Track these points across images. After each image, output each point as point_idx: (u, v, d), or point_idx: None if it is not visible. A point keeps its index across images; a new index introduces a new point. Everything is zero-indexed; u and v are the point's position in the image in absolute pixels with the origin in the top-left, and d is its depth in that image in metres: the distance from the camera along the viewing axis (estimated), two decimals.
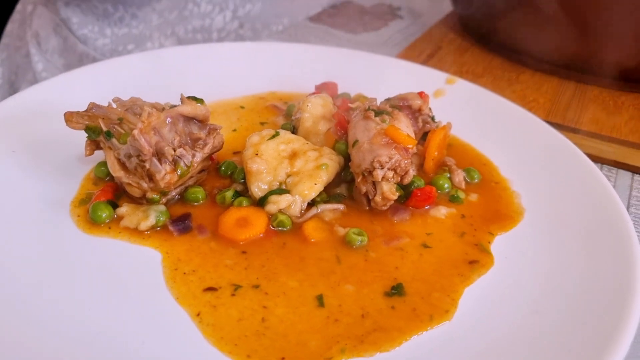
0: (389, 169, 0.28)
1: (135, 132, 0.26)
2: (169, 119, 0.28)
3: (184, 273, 0.26)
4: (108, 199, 0.29)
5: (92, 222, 0.28)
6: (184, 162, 0.28)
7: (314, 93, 0.37)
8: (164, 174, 0.27)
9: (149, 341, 0.23)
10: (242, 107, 0.38)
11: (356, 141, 0.29)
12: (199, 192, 0.30)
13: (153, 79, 0.38)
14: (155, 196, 0.28)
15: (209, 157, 0.31)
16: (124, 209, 0.28)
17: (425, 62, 0.45)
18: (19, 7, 0.84)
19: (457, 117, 0.37)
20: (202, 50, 0.42)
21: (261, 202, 0.29)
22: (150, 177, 0.27)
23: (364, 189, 0.28)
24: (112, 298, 0.25)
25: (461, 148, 0.35)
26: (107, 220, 0.28)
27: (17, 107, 0.33)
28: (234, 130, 0.36)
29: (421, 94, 0.33)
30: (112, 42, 0.68)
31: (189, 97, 0.31)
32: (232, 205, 0.29)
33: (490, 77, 0.43)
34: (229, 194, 0.29)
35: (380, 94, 0.38)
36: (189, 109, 0.29)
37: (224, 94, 0.39)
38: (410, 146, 0.28)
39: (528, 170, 0.33)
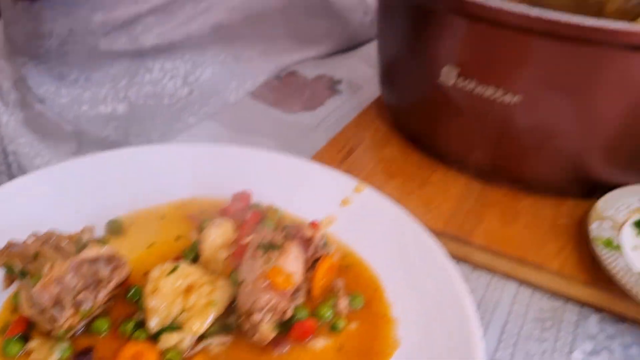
0: (268, 311, 0.31)
1: (35, 289, 0.29)
2: (72, 267, 0.31)
3: None
4: (21, 331, 0.32)
5: (3, 355, 0.31)
6: (85, 307, 0.31)
7: (227, 207, 0.40)
8: (63, 321, 0.30)
9: None
10: (162, 217, 0.41)
11: (242, 281, 0.32)
12: (104, 324, 0.33)
13: (74, 191, 0.41)
14: (61, 331, 0.31)
15: (117, 287, 0.34)
16: (33, 343, 0.32)
17: (344, 158, 0.48)
18: None
19: (358, 231, 0.40)
20: (125, 156, 0.44)
21: (155, 337, 0.32)
22: (53, 320, 0.31)
23: (246, 326, 0.31)
24: None
25: (356, 267, 0.38)
26: (17, 354, 0.31)
27: None
28: (150, 245, 0.39)
29: (313, 225, 0.36)
30: (68, 102, 0.71)
31: (103, 235, 0.34)
32: (131, 338, 0.32)
33: (403, 177, 0.46)
34: (130, 325, 0.32)
35: (291, 203, 0.41)
36: (93, 253, 0.32)
37: (148, 201, 0.42)
38: (287, 289, 0.31)
39: (410, 292, 0.36)
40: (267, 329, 0.31)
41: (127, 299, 0.34)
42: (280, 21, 0.70)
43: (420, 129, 0.48)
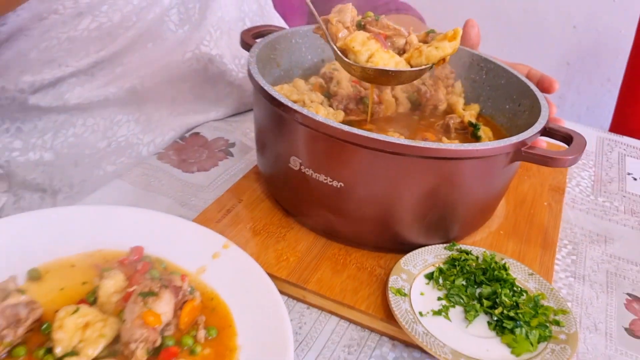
0: (141, 341, 0.44)
1: None
2: (0, 310, 0.43)
3: None
4: None
5: None
6: (7, 339, 0.43)
7: (124, 259, 0.53)
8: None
9: None
10: (73, 266, 0.53)
11: (125, 320, 0.45)
12: (21, 351, 0.45)
13: (11, 244, 0.52)
14: None
15: (33, 323, 0.46)
16: None
17: (223, 217, 0.61)
18: None
19: (222, 278, 0.53)
20: (44, 215, 0.56)
21: None
22: None
23: (125, 352, 0.44)
24: None
25: (218, 307, 0.51)
26: None
27: None
28: (62, 289, 0.51)
29: (182, 277, 0.49)
30: (0, 148, 0.81)
31: (24, 282, 0.46)
32: None
33: (265, 234, 0.59)
34: (41, 352, 0.45)
35: (175, 255, 0.55)
36: (15, 301, 0.44)
37: (61, 253, 0.54)
38: (157, 326, 0.45)
39: (251, 326, 0.50)
40: (140, 355, 0.44)
41: (41, 331, 0.47)
42: (186, 88, 0.82)
43: (281, 195, 0.62)
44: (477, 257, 0.57)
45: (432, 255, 0.58)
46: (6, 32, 0.74)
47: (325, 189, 0.55)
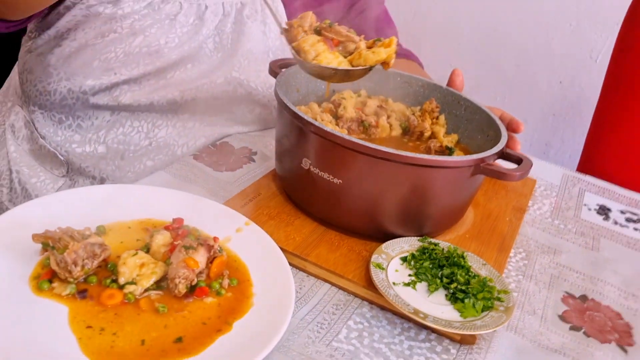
0: (183, 278, 0.59)
1: (65, 254, 0.57)
2: (82, 246, 0.59)
3: (75, 316, 0.56)
4: (47, 278, 0.59)
5: (38, 289, 0.58)
6: (87, 267, 0.59)
7: (168, 225, 0.68)
8: (76, 273, 0.58)
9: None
10: (129, 227, 0.69)
11: (171, 262, 0.61)
12: (93, 278, 0.60)
13: (79, 206, 0.68)
14: (71, 280, 0.59)
15: (102, 260, 0.62)
16: (55, 284, 0.59)
17: (246, 204, 0.77)
18: (0, 98, 1.14)
19: (242, 246, 0.69)
20: (110, 188, 0.72)
21: (121, 287, 0.60)
22: (69, 272, 0.58)
23: (171, 286, 0.60)
24: (44, 321, 0.55)
25: (238, 265, 0.66)
26: (46, 289, 0.58)
27: (10, 221, 0.63)
28: (121, 242, 0.67)
29: (214, 239, 0.65)
30: (62, 140, 0.97)
31: (95, 232, 0.62)
32: (108, 287, 0.60)
33: (277, 220, 0.75)
34: (108, 280, 0.60)
35: (207, 227, 0.70)
36: (94, 240, 0.60)
37: (121, 218, 0.70)
38: (195, 269, 0.60)
39: (264, 280, 0.65)
40: (181, 288, 0.59)
41: (107, 268, 0.62)
42: (218, 104, 0.98)
43: (292, 190, 0.79)
44: (443, 249, 0.73)
45: (407, 244, 0.73)
46: (75, 46, 0.91)
47: (328, 184, 0.71)
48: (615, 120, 1.21)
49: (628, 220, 0.99)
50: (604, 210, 1.00)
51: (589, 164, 1.24)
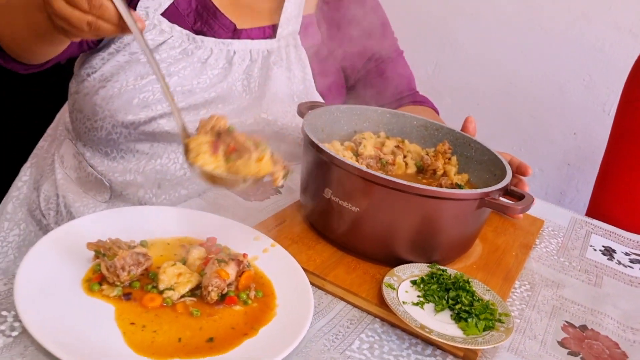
0: (215, 287, 0.67)
1: (115, 260, 0.66)
2: (129, 254, 0.67)
3: (121, 314, 0.64)
4: (97, 281, 0.68)
5: (90, 290, 0.67)
6: (132, 272, 0.67)
7: (202, 243, 0.77)
8: (123, 277, 0.66)
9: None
10: (168, 244, 0.78)
11: (205, 273, 0.69)
12: (137, 284, 0.68)
13: (130, 225, 0.77)
14: (118, 283, 0.67)
15: (145, 269, 0.70)
16: (104, 287, 0.67)
17: (273, 229, 0.85)
18: (49, 131, 1.26)
19: (268, 264, 0.77)
20: (153, 209, 0.81)
21: (161, 292, 0.68)
22: (117, 276, 0.67)
23: (204, 293, 0.68)
24: (94, 317, 0.63)
25: (265, 282, 0.74)
26: (96, 290, 0.67)
27: (66, 231, 0.72)
28: (161, 255, 0.75)
29: (244, 255, 0.73)
30: (106, 169, 1.07)
31: (139, 244, 0.71)
32: (149, 291, 0.68)
33: (300, 244, 0.82)
34: (149, 286, 0.68)
35: (238, 247, 0.78)
36: (139, 250, 0.68)
37: (160, 235, 0.78)
38: (226, 280, 0.68)
39: (286, 295, 0.72)
40: (213, 295, 0.67)
41: (149, 276, 0.70)
42: None
43: (314, 219, 0.87)
44: (450, 275, 0.79)
45: (417, 269, 0.80)
46: (117, 87, 1.02)
47: (347, 212, 0.79)
48: (621, 167, 1.27)
49: (632, 261, 1.04)
50: (608, 251, 1.06)
51: (597, 209, 1.30)
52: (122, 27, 0.64)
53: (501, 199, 0.82)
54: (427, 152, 0.98)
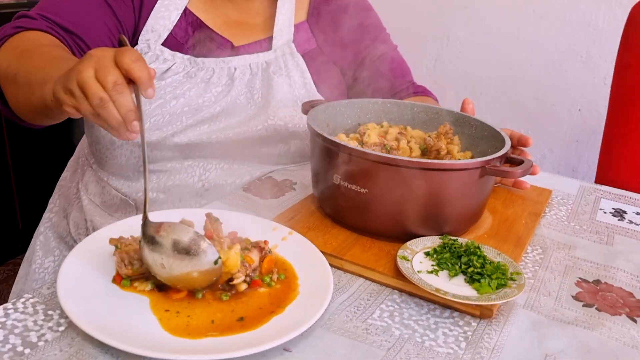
0: (242, 272, 0.72)
1: (117, 253, 0.71)
2: (134, 249, 0.72)
3: (155, 304, 0.68)
4: (119, 280, 0.72)
5: (123, 286, 0.72)
6: (135, 267, 0.70)
7: (228, 235, 0.82)
8: (124, 271, 0.69)
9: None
10: None
11: None
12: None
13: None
14: (126, 275, 0.72)
15: None
16: (136, 284, 0.72)
17: (289, 219, 0.90)
18: (72, 162, 1.33)
19: (288, 250, 0.82)
20: (178, 213, 0.87)
21: None
22: (120, 268, 0.71)
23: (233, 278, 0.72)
24: (131, 308, 0.68)
25: (286, 266, 0.78)
26: (129, 286, 0.72)
27: (99, 239, 0.78)
28: None
29: (265, 242, 0.78)
30: (130, 191, 1.13)
31: None
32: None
33: (316, 230, 0.86)
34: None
35: (259, 237, 0.83)
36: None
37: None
38: (251, 264, 0.73)
39: (307, 276, 0.76)
40: (241, 280, 0.72)
41: None
42: (260, 147, 1.13)
43: (327, 206, 0.91)
44: (462, 243, 0.83)
45: (430, 242, 0.84)
46: None
47: (356, 195, 0.84)
48: (624, 132, 1.30)
49: None
50: (619, 213, 1.09)
51: (605, 176, 1.32)
52: (125, 120, 0.65)
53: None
54: (430, 135, 1.02)
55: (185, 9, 1.09)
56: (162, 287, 0.72)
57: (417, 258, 0.81)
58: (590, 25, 1.79)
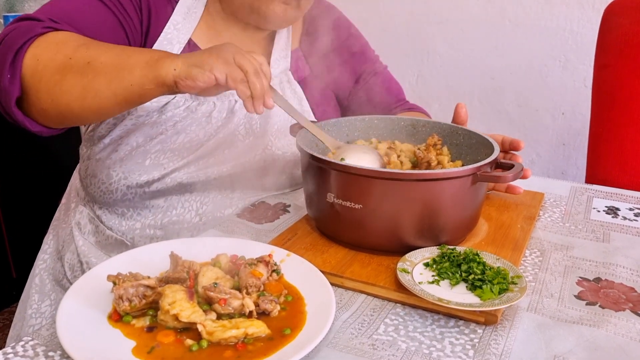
0: (253, 286, 0.71)
1: (114, 289, 0.70)
2: (133, 286, 0.71)
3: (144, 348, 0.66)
4: (116, 318, 0.71)
5: (116, 322, 0.71)
6: (134, 303, 0.69)
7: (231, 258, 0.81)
8: (122, 307, 0.67)
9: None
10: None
11: (241, 277, 0.73)
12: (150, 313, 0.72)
13: (151, 258, 0.82)
14: (123, 311, 0.71)
15: (152, 301, 0.73)
16: (132, 320, 0.71)
17: (286, 242, 0.90)
18: (64, 200, 1.31)
19: (289, 272, 0.81)
20: (191, 240, 0.86)
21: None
22: (118, 305, 0.69)
23: (242, 293, 0.72)
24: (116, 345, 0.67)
25: (290, 287, 0.77)
26: (127, 322, 0.71)
27: (91, 278, 0.77)
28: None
29: (269, 255, 0.77)
30: (126, 229, 1.12)
31: (145, 277, 0.75)
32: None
33: (313, 250, 0.86)
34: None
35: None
36: (145, 283, 0.72)
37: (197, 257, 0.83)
38: (260, 278, 0.72)
39: (312, 298, 0.76)
40: (254, 296, 0.71)
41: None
42: (257, 176, 1.13)
43: (322, 225, 0.91)
44: (460, 252, 0.83)
45: (428, 252, 0.84)
46: (128, 149, 1.07)
47: (350, 211, 0.84)
48: (609, 130, 1.31)
49: (638, 215, 1.07)
50: (612, 210, 1.09)
51: (594, 175, 1.34)
52: (266, 91, 0.81)
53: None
54: (419, 147, 1.03)
55: (189, 40, 1.09)
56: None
57: (417, 270, 0.80)
58: (565, 30, 1.82)
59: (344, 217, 0.85)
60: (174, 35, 1.07)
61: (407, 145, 1.05)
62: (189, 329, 0.69)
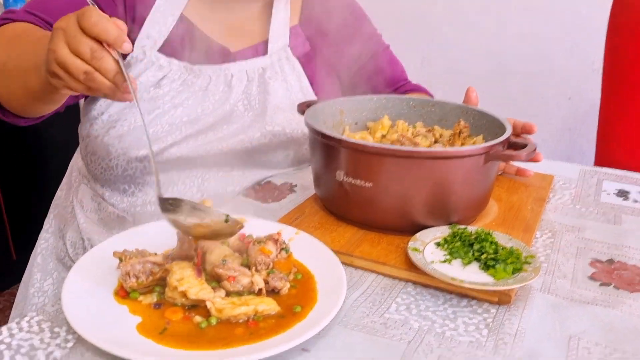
0: (262, 264, 0.70)
1: (120, 265, 0.68)
2: (140, 262, 0.69)
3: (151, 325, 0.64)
4: (123, 294, 0.70)
5: (123, 299, 0.69)
6: (141, 280, 0.67)
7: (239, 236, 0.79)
8: (129, 284, 0.66)
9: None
10: None
11: (250, 254, 0.71)
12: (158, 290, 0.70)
13: (157, 235, 0.81)
14: (130, 288, 0.69)
15: (159, 278, 0.72)
16: (140, 297, 0.70)
17: (294, 220, 0.88)
18: (65, 180, 1.30)
19: (298, 249, 0.80)
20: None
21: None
22: (125, 281, 0.68)
23: (252, 269, 0.70)
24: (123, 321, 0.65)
25: (299, 265, 0.76)
26: (135, 298, 0.69)
27: (95, 255, 0.76)
28: None
29: (278, 233, 0.76)
30: (128, 205, 1.11)
31: (152, 254, 0.73)
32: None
33: (322, 229, 0.85)
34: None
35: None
36: (152, 259, 0.71)
37: None
38: (269, 255, 0.71)
39: (323, 276, 0.74)
40: (263, 273, 0.69)
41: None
42: (258, 154, 1.12)
43: (331, 204, 0.90)
44: (471, 231, 0.82)
45: (439, 232, 0.83)
46: (127, 125, 1.06)
47: (360, 189, 0.82)
48: (619, 114, 1.30)
49: None
50: (622, 193, 1.08)
51: (603, 159, 1.32)
52: (116, 84, 0.65)
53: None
54: (441, 133, 1.00)
55: (181, 15, 1.08)
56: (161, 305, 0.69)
57: (429, 249, 0.79)
58: (574, 13, 1.80)
59: (354, 196, 0.83)
60: (166, 7, 1.05)
61: (449, 132, 1.02)
62: (197, 306, 0.68)
